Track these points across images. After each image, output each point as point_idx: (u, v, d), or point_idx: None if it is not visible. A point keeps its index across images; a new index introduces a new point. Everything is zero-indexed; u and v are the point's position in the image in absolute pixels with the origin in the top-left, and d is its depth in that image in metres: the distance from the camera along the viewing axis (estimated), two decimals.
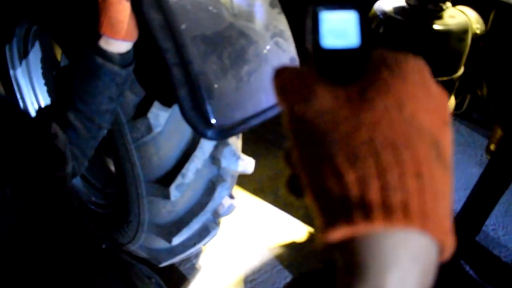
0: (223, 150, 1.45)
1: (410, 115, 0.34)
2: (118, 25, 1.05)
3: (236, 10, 1.25)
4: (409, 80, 0.35)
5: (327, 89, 0.36)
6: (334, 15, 0.39)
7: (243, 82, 1.17)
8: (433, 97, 0.36)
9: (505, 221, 2.57)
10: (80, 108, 1.11)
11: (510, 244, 2.47)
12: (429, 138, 0.34)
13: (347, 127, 0.33)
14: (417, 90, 0.35)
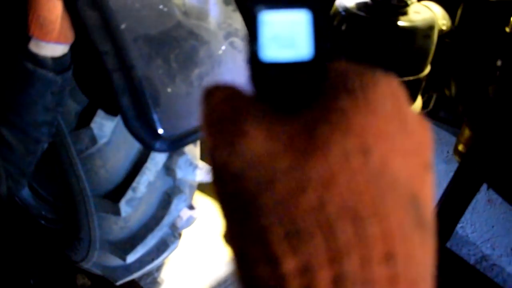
0: (178, 160, 1.34)
1: (379, 164, 0.24)
2: (49, 25, 0.94)
3: (187, 8, 1.15)
4: (378, 112, 0.25)
5: (263, 124, 0.25)
6: (279, 17, 0.28)
7: (194, 87, 1.06)
8: (411, 132, 0.26)
9: (473, 219, 2.56)
10: (12, 120, 0.99)
11: (478, 242, 2.47)
12: (405, 195, 0.24)
13: (288, 186, 0.23)
14: (389, 125, 0.25)
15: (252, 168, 0.24)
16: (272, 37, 0.28)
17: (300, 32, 0.28)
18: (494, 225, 2.49)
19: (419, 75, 1.27)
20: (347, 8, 1.25)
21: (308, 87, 0.27)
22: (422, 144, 0.27)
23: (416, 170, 0.26)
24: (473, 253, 2.40)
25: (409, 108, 0.27)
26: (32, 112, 1.00)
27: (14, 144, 1.00)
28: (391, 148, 0.24)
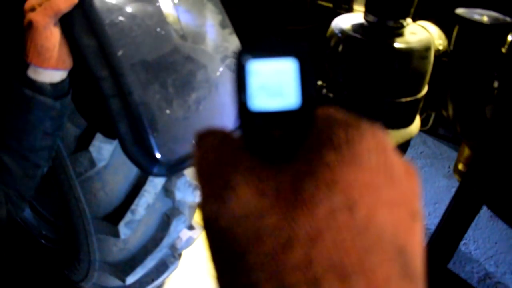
0: (177, 182, 1.34)
1: (365, 218, 0.24)
2: (47, 52, 0.95)
3: (184, 31, 1.15)
4: (364, 165, 0.25)
5: (251, 178, 0.26)
6: (266, 66, 0.29)
7: (191, 111, 1.06)
8: (398, 183, 0.26)
9: (475, 235, 2.54)
10: (12, 145, 0.99)
11: (482, 259, 2.44)
12: (392, 248, 0.24)
13: (275, 243, 0.23)
14: (375, 178, 0.25)
15: (240, 224, 0.24)
16: (259, 86, 0.29)
17: (287, 81, 0.29)
18: (497, 241, 2.47)
19: (416, 96, 1.27)
20: (343, 29, 1.26)
21: (295, 136, 0.28)
22: (410, 194, 0.27)
23: (403, 221, 0.26)
24: (476, 270, 2.37)
25: (396, 158, 0.28)
26: (31, 137, 1.00)
27: (13, 169, 1.01)
28: (377, 201, 0.25)
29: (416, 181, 0.28)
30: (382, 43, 1.21)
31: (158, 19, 1.09)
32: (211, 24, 1.24)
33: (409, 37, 1.24)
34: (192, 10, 1.21)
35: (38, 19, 0.92)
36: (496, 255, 2.45)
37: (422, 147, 3.01)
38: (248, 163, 0.26)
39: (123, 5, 1.04)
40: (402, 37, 1.23)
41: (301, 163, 0.26)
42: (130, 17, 1.03)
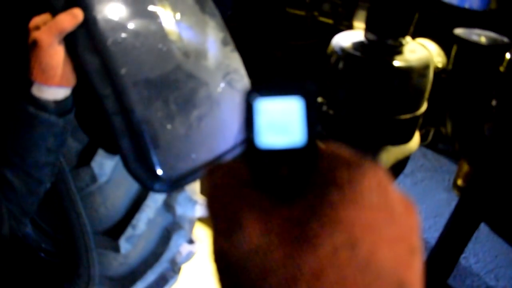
0: (178, 196, 1.35)
1: (366, 255, 0.25)
2: (51, 70, 0.95)
3: (186, 48, 1.17)
4: (365, 204, 0.27)
5: (258, 216, 0.27)
6: (273, 104, 0.30)
7: (192, 128, 1.07)
8: (397, 220, 0.28)
9: (475, 249, 2.54)
10: (15, 162, 1.00)
11: (482, 273, 2.44)
12: (392, 283, 0.26)
13: (281, 279, 0.24)
14: (376, 216, 0.27)
15: (248, 260, 0.26)
16: (267, 124, 0.30)
17: (293, 119, 0.30)
18: (498, 255, 2.47)
19: (415, 113, 1.29)
20: (343, 47, 1.27)
21: (301, 174, 0.29)
22: (409, 230, 0.29)
23: (402, 257, 0.27)
24: (476, 284, 2.37)
25: (396, 196, 0.29)
26: (34, 154, 1.00)
27: (16, 185, 1.01)
28: (378, 239, 0.26)
29: (415, 216, 0.30)
30: (381, 61, 1.23)
31: (160, 36, 1.10)
32: (213, 41, 1.25)
33: (408, 55, 1.26)
34: (194, 27, 1.22)
35: (43, 37, 0.93)
36: (496, 269, 2.46)
37: (422, 160, 3.02)
38: (256, 201, 0.28)
39: (126, 23, 1.05)
40: (401, 55, 1.25)
41: (307, 201, 0.27)
42: (133, 35, 1.04)
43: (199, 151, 1.09)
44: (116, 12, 1.02)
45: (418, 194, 2.70)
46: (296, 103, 0.30)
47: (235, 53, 1.27)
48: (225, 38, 1.27)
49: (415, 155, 3.09)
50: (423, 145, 1.84)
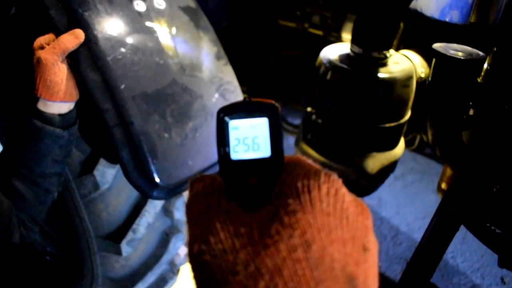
0: (176, 202, 1.42)
1: (319, 253, 0.30)
2: (55, 87, 1.02)
3: (182, 63, 1.24)
4: (319, 210, 0.32)
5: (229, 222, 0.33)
6: (243, 123, 0.37)
7: (188, 139, 1.14)
8: (350, 222, 0.33)
9: (463, 248, 2.60)
10: (24, 173, 1.06)
11: (468, 271, 2.50)
12: (343, 277, 0.30)
13: (246, 275, 0.30)
14: (329, 219, 0.32)
15: (219, 259, 0.32)
16: (238, 140, 0.37)
17: (260, 135, 0.38)
18: (484, 254, 2.53)
19: (399, 121, 1.35)
20: (331, 60, 1.34)
21: (267, 183, 0.36)
22: (361, 230, 0.34)
23: (354, 254, 0.32)
24: (463, 282, 2.43)
25: (349, 200, 0.35)
26: (42, 165, 1.06)
27: (26, 195, 1.07)
28: (330, 239, 0.32)
29: (368, 218, 0.36)
30: (366, 73, 1.29)
31: (157, 51, 1.17)
32: (207, 55, 1.32)
33: (392, 67, 1.32)
34: (189, 42, 1.29)
35: (47, 57, 0.98)
36: (483, 267, 2.51)
37: (412, 163, 3.08)
38: (228, 208, 0.34)
39: (125, 40, 1.11)
40: (385, 67, 1.31)
41: (270, 207, 0.33)
42: (132, 51, 1.11)
43: (195, 160, 1.16)
44: (115, 30, 1.09)
45: (408, 196, 2.76)
46: (262, 122, 0.37)
47: (228, 66, 1.34)
48: (219, 52, 1.34)
49: (405, 158, 3.15)
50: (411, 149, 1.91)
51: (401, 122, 1.35)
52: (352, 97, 1.31)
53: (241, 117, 0.38)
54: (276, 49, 2.00)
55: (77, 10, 1.02)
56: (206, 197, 0.36)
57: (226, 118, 0.37)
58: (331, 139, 1.36)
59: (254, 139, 0.37)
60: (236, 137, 0.37)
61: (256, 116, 0.38)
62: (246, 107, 0.38)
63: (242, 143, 0.37)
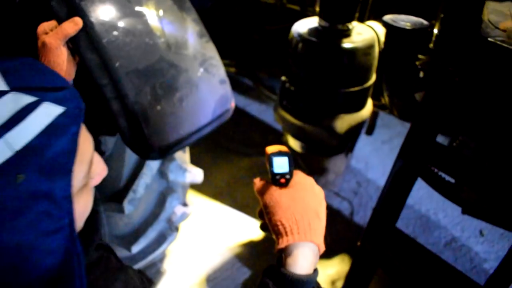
0: (170, 165, 1.61)
1: (306, 202, 0.81)
2: (57, 67, 1.17)
3: (168, 41, 1.41)
4: (305, 189, 0.84)
5: (274, 190, 0.83)
6: (278, 158, 0.85)
7: (176, 107, 1.32)
8: (316, 194, 0.85)
9: (444, 205, 2.80)
10: None
11: (449, 225, 2.70)
12: (313, 211, 0.81)
13: (283, 205, 0.80)
14: (309, 192, 0.84)
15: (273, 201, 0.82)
16: (277, 165, 0.83)
17: (285, 163, 0.84)
18: None
19: (364, 85, 1.53)
20: (301, 33, 1.51)
21: (287, 181, 0.82)
22: (320, 198, 0.85)
23: (318, 204, 0.83)
24: (444, 235, 2.63)
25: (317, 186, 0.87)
26: None
27: None
28: (310, 198, 0.83)
29: (322, 194, 0.86)
30: (332, 44, 1.46)
31: (146, 32, 1.33)
32: (190, 33, 1.48)
33: (355, 37, 1.49)
34: (175, 23, 1.46)
35: (51, 41, 1.14)
36: (463, 221, 2.71)
37: (399, 127, 3.25)
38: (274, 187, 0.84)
39: (117, 23, 1.28)
40: (349, 38, 1.48)
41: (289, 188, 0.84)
42: (124, 33, 1.28)
43: (183, 125, 1.34)
44: (108, 16, 1.25)
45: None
46: (286, 158, 0.85)
47: (210, 43, 1.50)
48: (201, 30, 1.50)
49: (393, 123, 3.32)
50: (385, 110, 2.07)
51: (365, 86, 1.52)
52: (320, 66, 1.48)
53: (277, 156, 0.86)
54: (260, 25, 2.16)
55: (75, 0, 1.19)
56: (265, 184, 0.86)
57: (271, 156, 0.86)
58: (303, 104, 1.54)
59: (283, 165, 0.85)
60: (276, 164, 0.85)
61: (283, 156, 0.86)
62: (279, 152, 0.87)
63: (278, 166, 0.85)
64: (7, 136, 0.49)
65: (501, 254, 2.53)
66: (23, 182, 0.49)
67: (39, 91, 0.53)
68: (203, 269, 2.25)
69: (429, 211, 2.75)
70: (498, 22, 1.34)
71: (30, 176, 0.50)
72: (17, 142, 0.50)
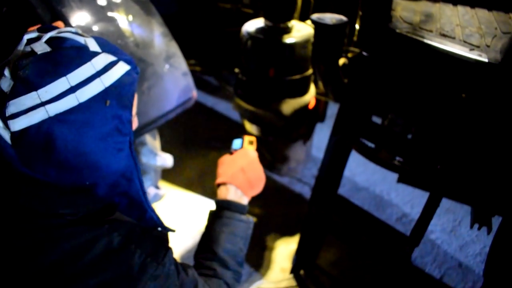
0: (142, 149, 1.86)
1: (236, 161, 1.28)
2: None
3: (137, 41, 1.67)
4: (241, 155, 1.30)
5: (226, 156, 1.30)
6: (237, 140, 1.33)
7: (144, 95, 1.58)
8: (252, 159, 1.30)
9: (397, 186, 3.07)
10: None
11: (400, 203, 2.98)
12: (239, 167, 1.27)
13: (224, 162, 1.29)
14: (242, 157, 1.29)
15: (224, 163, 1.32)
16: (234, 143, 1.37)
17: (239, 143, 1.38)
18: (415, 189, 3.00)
19: (304, 74, 1.81)
20: (249, 32, 1.79)
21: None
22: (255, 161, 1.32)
23: (245, 164, 1.29)
24: (395, 212, 2.90)
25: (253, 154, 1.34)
26: None
27: None
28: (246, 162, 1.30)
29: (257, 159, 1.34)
30: (275, 40, 1.74)
31: (117, 34, 1.59)
32: (156, 34, 1.74)
33: (295, 33, 1.78)
34: (142, 25, 1.72)
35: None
36: (413, 199, 2.99)
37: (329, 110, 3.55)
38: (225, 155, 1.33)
39: (92, 27, 1.54)
40: (289, 34, 1.76)
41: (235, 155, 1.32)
42: (99, 35, 1.54)
43: (150, 110, 1.60)
44: (85, 21, 1.51)
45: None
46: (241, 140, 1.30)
47: (173, 41, 1.77)
48: (165, 31, 1.77)
49: None
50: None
51: (305, 74, 1.81)
52: (266, 58, 1.76)
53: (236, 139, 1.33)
54: (220, 27, 2.44)
55: (57, 7, 1.45)
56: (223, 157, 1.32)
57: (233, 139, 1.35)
58: (254, 91, 1.81)
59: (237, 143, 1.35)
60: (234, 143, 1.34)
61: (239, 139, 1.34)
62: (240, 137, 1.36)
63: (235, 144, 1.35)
64: (102, 77, 0.75)
65: (445, 227, 2.84)
66: (108, 106, 0.76)
67: (116, 55, 0.80)
68: (176, 251, 2.43)
69: (382, 192, 3.03)
70: (408, 18, 1.64)
71: (112, 102, 0.76)
72: (107, 81, 0.76)
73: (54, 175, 0.76)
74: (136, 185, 0.88)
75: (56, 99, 0.71)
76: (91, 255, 0.79)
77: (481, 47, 1.44)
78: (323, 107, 2.53)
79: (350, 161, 1.95)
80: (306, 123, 2.31)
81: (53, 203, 0.79)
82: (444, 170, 1.53)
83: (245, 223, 1.20)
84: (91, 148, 0.75)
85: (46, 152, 0.73)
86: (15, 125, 0.71)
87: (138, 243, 0.84)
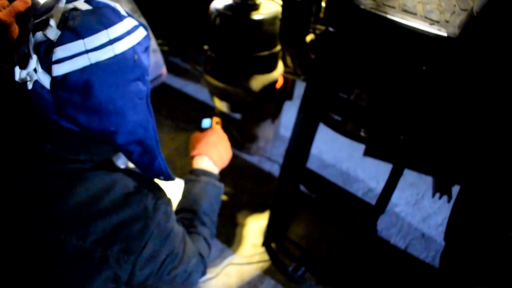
0: None
1: (209, 137, 1.46)
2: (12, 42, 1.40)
3: None
4: (213, 132, 1.48)
5: (197, 133, 1.48)
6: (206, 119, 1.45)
7: None
8: (221, 136, 1.50)
9: (363, 163, 3.17)
10: None
11: (366, 179, 3.08)
12: (212, 141, 1.46)
13: (197, 138, 1.47)
14: (213, 134, 1.48)
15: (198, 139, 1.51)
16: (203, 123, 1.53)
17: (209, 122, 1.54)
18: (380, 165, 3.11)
19: (272, 50, 1.85)
20: (218, 9, 1.81)
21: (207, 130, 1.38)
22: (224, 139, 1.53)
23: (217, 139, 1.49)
24: (361, 187, 3.00)
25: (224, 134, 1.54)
26: None
27: None
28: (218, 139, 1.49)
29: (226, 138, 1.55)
30: (243, 17, 1.77)
31: None
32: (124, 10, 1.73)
33: (263, 10, 1.80)
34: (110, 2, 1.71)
35: (5, 18, 1.36)
36: (378, 175, 3.09)
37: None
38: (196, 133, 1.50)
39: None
40: (257, 11, 1.79)
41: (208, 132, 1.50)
42: None
43: None
44: None
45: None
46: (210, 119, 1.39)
47: (142, 18, 1.77)
48: (133, 7, 1.76)
49: None
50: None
51: (274, 51, 1.84)
52: (235, 34, 1.79)
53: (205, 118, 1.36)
54: (189, 6, 2.44)
55: None
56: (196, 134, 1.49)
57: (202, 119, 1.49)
58: (223, 68, 1.84)
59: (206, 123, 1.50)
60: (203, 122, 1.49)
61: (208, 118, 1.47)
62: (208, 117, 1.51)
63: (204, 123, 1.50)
64: (131, 35, 0.88)
65: (409, 200, 2.96)
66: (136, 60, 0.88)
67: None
68: None
69: (349, 168, 3.12)
70: None
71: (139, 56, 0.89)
72: (134, 40, 0.89)
73: (84, 120, 0.86)
74: (150, 133, 0.98)
75: (97, 49, 0.82)
76: (111, 196, 0.91)
77: (440, 22, 1.51)
78: (291, 86, 2.58)
79: (317, 139, 2.01)
80: (275, 101, 2.35)
81: (75, 150, 0.90)
82: (407, 141, 1.61)
83: (218, 188, 1.41)
84: (121, 95, 0.86)
85: (84, 96, 0.83)
86: (59, 70, 0.80)
87: (149, 188, 0.99)
